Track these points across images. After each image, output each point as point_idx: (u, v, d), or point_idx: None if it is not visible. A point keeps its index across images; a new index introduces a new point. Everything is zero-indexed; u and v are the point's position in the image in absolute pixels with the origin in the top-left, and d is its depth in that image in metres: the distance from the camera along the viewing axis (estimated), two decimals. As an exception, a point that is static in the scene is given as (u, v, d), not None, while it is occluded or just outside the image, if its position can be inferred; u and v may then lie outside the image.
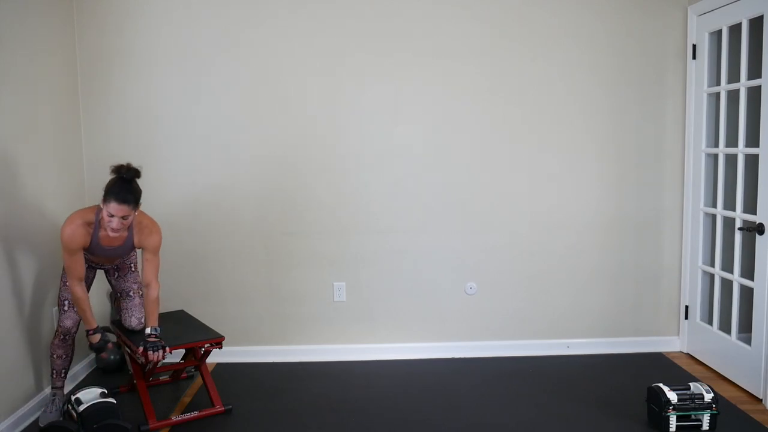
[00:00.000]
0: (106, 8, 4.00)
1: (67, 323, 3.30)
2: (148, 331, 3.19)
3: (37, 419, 3.36)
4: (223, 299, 4.21)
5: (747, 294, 3.83)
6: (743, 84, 3.60)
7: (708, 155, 4.00)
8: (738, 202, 3.67)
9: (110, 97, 4.06)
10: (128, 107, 4.06)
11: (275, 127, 4.09)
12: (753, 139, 3.78)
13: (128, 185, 2.99)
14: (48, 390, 3.53)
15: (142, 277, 3.28)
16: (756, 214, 3.50)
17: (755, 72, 3.61)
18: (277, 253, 4.17)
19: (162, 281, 4.05)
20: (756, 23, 3.57)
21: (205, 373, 3.46)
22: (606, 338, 4.29)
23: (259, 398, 3.61)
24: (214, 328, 4.20)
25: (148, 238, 3.23)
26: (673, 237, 4.23)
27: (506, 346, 4.27)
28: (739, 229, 3.66)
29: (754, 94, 3.68)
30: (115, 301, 3.70)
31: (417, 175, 4.14)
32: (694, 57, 4.04)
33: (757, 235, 3.46)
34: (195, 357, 3.47)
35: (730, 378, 3.77)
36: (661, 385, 3.16)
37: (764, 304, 3.42)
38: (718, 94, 3.94)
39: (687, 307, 4.21)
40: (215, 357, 4.17)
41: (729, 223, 3.92)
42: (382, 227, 4.17)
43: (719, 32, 3.85)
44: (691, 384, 3.16)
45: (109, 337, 3.52)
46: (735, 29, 3.74)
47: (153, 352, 3.11)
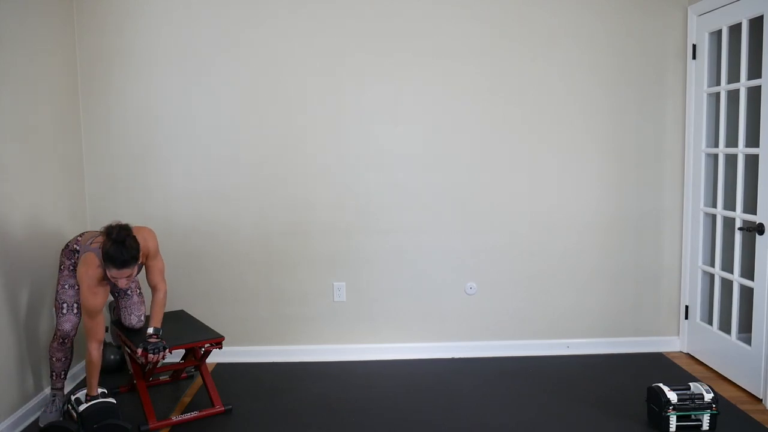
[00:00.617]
0: (106, 8, 4.00)
1: (66, 327, 3.28)
2: (150, 331, 3.18)
3: (37, 419, 3.36)
4: (223, 299, 4.21)
5: (747, 294, 3.83)
6: (743, 84, 3.60)
7: (708, 155, 4.00)
8: (738, 202, 3.67)
9: (110, 97, 4.06)
10: (128, 107, 4.07)
11: (275, 127, 4.09)
12: (753, 139, 3.78)
13: (122, 248, 2.90)
14: (48, 390, 3.53)
15: (149, 281, 3.28)
16: (756, 214, 3.50)
17: (755, 72, 3.61)
18: (277, 253, 4.17)
19: (162, 281, 4.04)
20: (756, 23, 3.57)
21: (205, 373, 3.46)
22: (606, 338, 4.29)
23: (259, 398, 3.61)
24: (214, 328, 4.20)
25: (146, 246, 3.19)
26: (673, 237, 4.23)
27: (506, 346, 4.27)
28: (739, 229, 3.66)
29: (754, 94, 3.69)
30: (113, 310, 3.69)
31: (417, 175, 4.14)
32: (694, 57, 4.04)
33: (757, 235, 3.46)
34: (195, 357, 3.47)
35: (730, 378, 3.77)
36: (661, 385, 3.16)
37: (764, 304, 3.42)
38: (718, 94, 3.94)
39: (687, 307, 4.21)
40: (215, 357, 4.17)
41: (729, 223, 3.92)
42: (382, 227, 4.17)
43: (719, 32, 3.85)
44: (691, 384, 3.16)
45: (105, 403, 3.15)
46: (735, 29, 3.74)
47: (153, 354, 3.10)
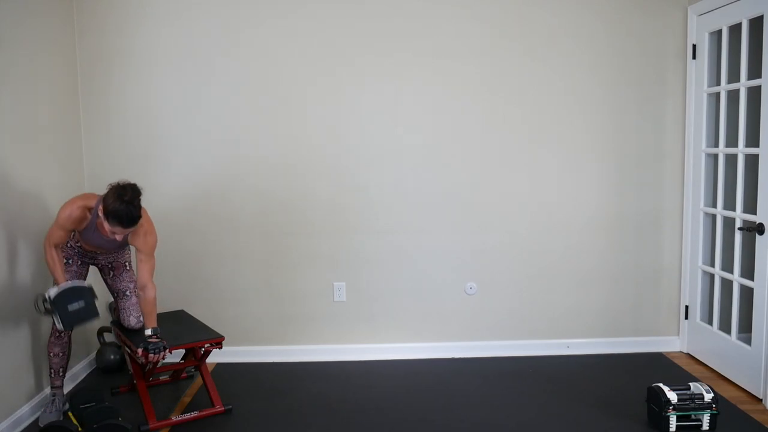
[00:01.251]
0: (106, 9, 4.00)
1: None
2: (148, 332, 3.17)
3: (37, 419, 3.36)
4: (223, 299, 4.21)
5: (747, 294, 3.82)
6: (743, 84, 3.60)
7: (708, 155, 4.00)
8: (738, 202, 3.67)
9: (110, 97, 4.06)
10: (128, 107, 4.06)
11: (275, 127, 4.09)
12: (753, 139, 3.78)
13: (131, 208, 2.90)
14: (48, 390, 3.53)
15: (137, 279, 3.22)
16: (756, 214, 3.50)
17: (755, 72, 3.61)
18: (277, 253, 4.17)
19: (162, 281, 4.04)
20: (756, 23, 3.57)
21: (205, 373, 3.46)
22: (606, 338, 4.29)
23: (259, 398, 3.61)
24: (214, 328, 4.20)
25: (145, 238, 3.16)
26: (673, 237, 4.23)
27: (506, 346, 4.26)
28: (739, 229, 3.66)
29: (754, 94, 3.68)
30: (113, 311, 3.69)
31: (417, 175, 4.14)
32: (694, 57, 4.04)
33: (757, 235, 3.46)
34: (195, 357, 3.47)
35: (730, 378, 3.77)
36: (661, 385, 3.16)
37: (764, 304, 3.42)
38: (718, 94, 3.94)
39: (687, 307, 4.21)
40: (215, 357, 4.17)
41: (729, 223, 3.91)
42: (382, 227, 4.17)
43: (719, 32, 3.84)
44: (691, 384, 3.16)
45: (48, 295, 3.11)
46: (735, 29, 3.74)
47: (153, 354, 3.10)
